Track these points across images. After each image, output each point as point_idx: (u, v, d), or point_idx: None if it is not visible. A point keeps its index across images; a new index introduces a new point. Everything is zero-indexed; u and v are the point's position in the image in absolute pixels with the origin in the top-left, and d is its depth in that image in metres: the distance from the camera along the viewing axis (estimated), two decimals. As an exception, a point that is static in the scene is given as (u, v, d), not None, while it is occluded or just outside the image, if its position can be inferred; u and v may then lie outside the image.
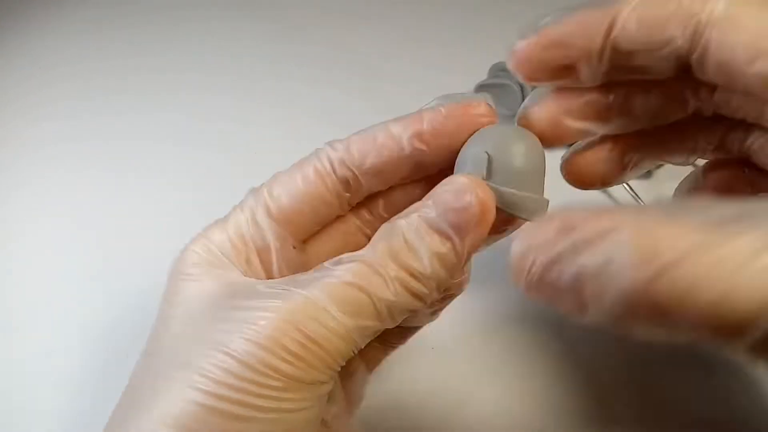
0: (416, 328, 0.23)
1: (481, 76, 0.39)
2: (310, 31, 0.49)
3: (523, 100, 0.37)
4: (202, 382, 0.15)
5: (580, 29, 0.17)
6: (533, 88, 0.39)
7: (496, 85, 0.37)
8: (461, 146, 0.19)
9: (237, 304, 0.17)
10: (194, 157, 0.38)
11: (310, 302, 0.16)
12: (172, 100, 0.42)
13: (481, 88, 0.38)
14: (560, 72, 0.18)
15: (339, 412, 0.20)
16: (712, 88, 0.18)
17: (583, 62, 0.17)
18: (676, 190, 0.23)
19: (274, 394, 0.15)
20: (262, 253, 0.19)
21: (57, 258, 0.32)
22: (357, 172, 0.19)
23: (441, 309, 0.22)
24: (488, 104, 0.19)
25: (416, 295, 0.17)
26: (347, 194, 0.20)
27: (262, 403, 0.15)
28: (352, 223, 0.22)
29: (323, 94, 0.42)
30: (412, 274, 0.17)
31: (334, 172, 0.19)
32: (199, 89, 0.43)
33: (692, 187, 0.22)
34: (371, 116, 0.40)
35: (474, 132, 0.19)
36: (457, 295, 0.21)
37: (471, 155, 0.18)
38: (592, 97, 0.19)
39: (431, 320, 0.22)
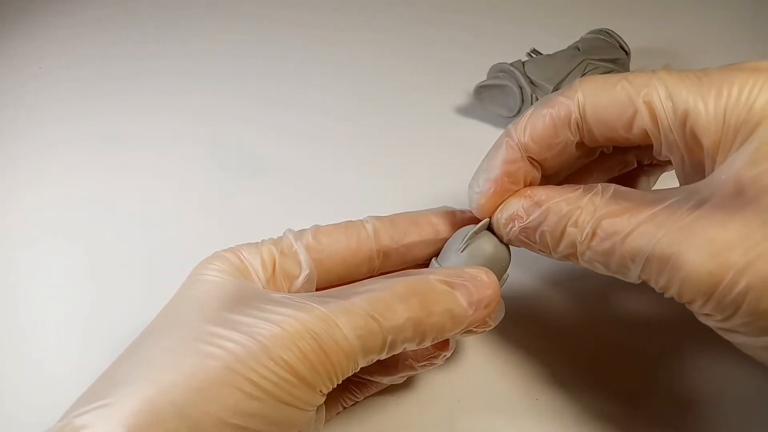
0: (380, 385, 0.25)
1: (481, 76, 0.39)
2: (314, 33, 0.49)
3: (522, 100, 0.37)
4: (221, 355, 0.17)
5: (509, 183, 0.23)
6: (533, 90, 0.39)
7: (496, 85, 0.37)
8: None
9: (257, 305, 0.19)
10: (197, 161, 0.38)
11: (327, 318, 0.18)
12: (175, 103, 0.43)
13: (481, 88, 0.38)
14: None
15: None
16: None
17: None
18: None
19: (284, 385, 0.17)
20: (289, 281, 0.22)
21: (57, 263, 0.33)
22: (399, 244, 0.24)
23: (413, 374, 0.24)
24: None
25: (421, 335, 0.19)
26: (377, 261, 0.24)
27: (273, 390, 0.17)
28: None
29: (326, 94, 0.42)
30: (426, 315, 0.19)
31: (375, 239, 0.23)
32: (203, 92, 0.43)
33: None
34: (372, 116, 0.41)
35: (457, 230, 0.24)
36: (437, 365, 0.24)
37: (455, 246, 0.24)
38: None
39: (398, 382, 0.25)
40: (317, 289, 0.23)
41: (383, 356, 0.19)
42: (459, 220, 0.25)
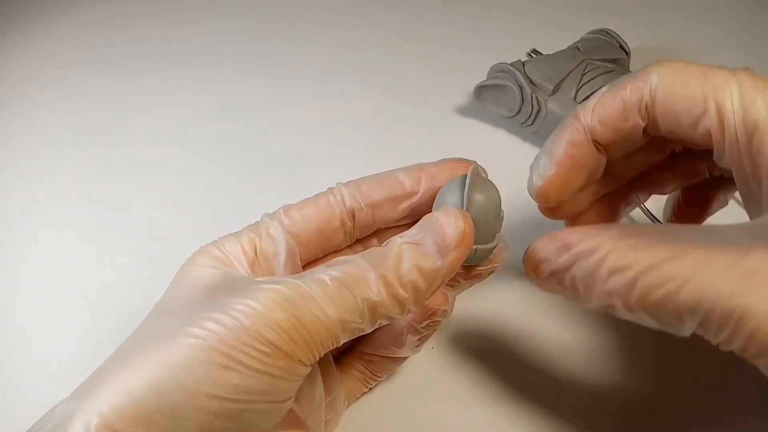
0: (401, 359, 0.25)
1: (481, 76, 0.39)
2: (313, 33, 0.49)
3: (522, 100, 0.37)
4: (199, 334, 0.17)
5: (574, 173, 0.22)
6: (533, 90, 0.39)
7: (496, 85, 0.37)
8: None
9: (238, 288, 0.19)
10: (198, 160, 0.38)
11: (303, 290, 0.18)
12: (175, 103, 0.43)
13: (481, 88, 0.38)
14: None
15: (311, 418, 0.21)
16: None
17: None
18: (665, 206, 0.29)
19: (262, 357, 0.17)
20: (270, 262, 0.22)
21: (59, 262, 0.33)
22: (363, 204, 0.23)
23: (425, 339, 0.24)
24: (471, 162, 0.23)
25: (396, 298, 0.19)
26: (351, 224, 0.23)
27: (250, 362, 0.17)
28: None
29: (326, 95, 0.43)
30: (395, 279, 0.19)
31: (344, 202, 0.23)
32: (203, 92, 0.43)
33: (674, 204, 0.27)
34: (373, 115, 0.41)
35: (447, 180, 0.22)
36: (440, 322, 0.23)
37: (449, 197, 0.21)
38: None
39: (415, 352, 0.24)
40: (302, 265, 0.23)
41: (366, 327, 0.19)
42: (427, 171, 0.23)
